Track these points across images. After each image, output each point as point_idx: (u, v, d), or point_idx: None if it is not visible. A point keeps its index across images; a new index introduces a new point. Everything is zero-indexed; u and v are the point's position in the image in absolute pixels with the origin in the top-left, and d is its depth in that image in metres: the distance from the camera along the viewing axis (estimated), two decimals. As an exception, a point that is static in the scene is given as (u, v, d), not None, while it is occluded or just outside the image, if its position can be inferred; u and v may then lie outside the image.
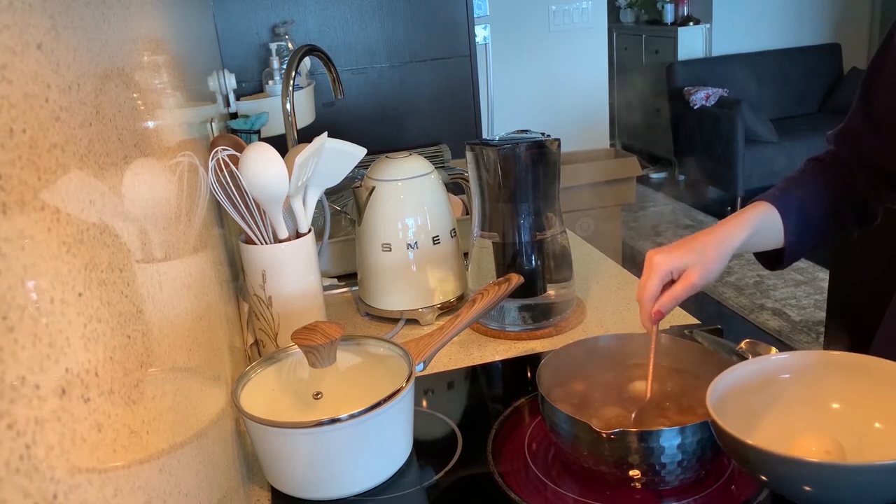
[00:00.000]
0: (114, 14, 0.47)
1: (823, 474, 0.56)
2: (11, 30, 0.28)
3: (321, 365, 0.77)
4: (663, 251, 0.78)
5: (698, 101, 4.62)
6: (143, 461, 0.37)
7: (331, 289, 1.25)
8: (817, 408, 0.68)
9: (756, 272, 3.51)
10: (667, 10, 5.24)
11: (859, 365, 0.66)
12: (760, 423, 0.68)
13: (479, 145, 1.02)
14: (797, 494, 0.58)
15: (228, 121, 1.57)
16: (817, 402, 0.68)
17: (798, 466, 0.56)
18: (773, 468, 0.57)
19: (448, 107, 2.17)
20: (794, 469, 0.56)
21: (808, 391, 0.68)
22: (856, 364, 0.67)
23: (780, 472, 0.57)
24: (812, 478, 0.56)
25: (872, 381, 0.65)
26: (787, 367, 0.70)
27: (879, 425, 0.65)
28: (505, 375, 0.99)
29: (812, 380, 0.68)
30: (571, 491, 0.71)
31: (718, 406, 0.63)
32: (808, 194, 0.89)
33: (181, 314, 0.54)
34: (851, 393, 0.66)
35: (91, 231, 0.34)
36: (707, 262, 0.77)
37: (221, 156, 0.90)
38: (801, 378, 0.69)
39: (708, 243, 0.79)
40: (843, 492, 0.55)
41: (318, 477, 0.74)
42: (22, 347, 0.24)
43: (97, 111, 0.39)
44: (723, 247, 0.79)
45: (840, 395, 0.67)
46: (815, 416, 0.67)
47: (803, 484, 0.56)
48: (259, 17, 1.99)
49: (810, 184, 0.91)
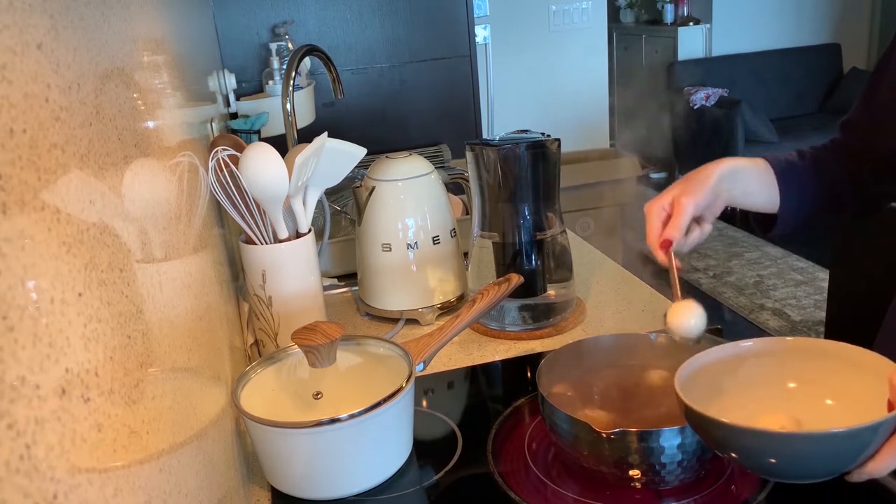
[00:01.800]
0: (114, 14, 0.47)
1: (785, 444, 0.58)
2: (11, 30, 0.28)
3: (321, 365, 0.77)
4: (652, 199, 0.83)
5: (698, 101, 4.62)
6: (143, 461, 0.37)
7: (331, 289, 1.25)
8: (776, 388, 0.71)
9: (756, 272, 3.51)
10: (667, 10, 5.24)
11: (814, 348, 0.71)
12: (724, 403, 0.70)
13: (479, 145, 1.02)
14: (763, 468, 0.61)
15: (228, 121, 1.57)
16: (776, 383, 0.71)
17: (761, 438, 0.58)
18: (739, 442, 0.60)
19: (448, 107, 2.17)
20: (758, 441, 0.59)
21: (768, 373, 0.72)
22: (811, 347, 0.71)
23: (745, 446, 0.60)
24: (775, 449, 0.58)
25: (826, 363, 0.69)
26: (752, 352, 0.73)
27: (831, 402, 0.69)
28: (505, 375, 0.99)
29: (773, 363, 0.72)
30: (571, 491, 0.71)
31: (686, 387, 0.65)
32: (808, 168, 0.91)
33: (181, 314, 0.54)
34: (807, 374, 0.70)
35: (91, 231, 0.34)
36: (691, 184, 0.82)
37: (221, 156, 0.90)
38: (764, 361, 0.72)
39: (690, 175, 0.84)
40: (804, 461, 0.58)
41: (318, 477, 0.74)
42: (22, 347, 0.24)
43: (97, 111, 0.39)
44: (704, 172, 0.83)
45: (796, 376, 0.71)
46: (773, 396, 0.71)
47: (768, 456, 0.59)
48: (259, 17, 1.99)
49: (811, 161, 0.92)
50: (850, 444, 0.56)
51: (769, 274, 3.48)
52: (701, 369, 0.70)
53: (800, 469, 0.59)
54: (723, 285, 3.41)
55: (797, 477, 0.62)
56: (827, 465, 0.58)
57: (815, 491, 0.70)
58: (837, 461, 0.57)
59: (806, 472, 0.60)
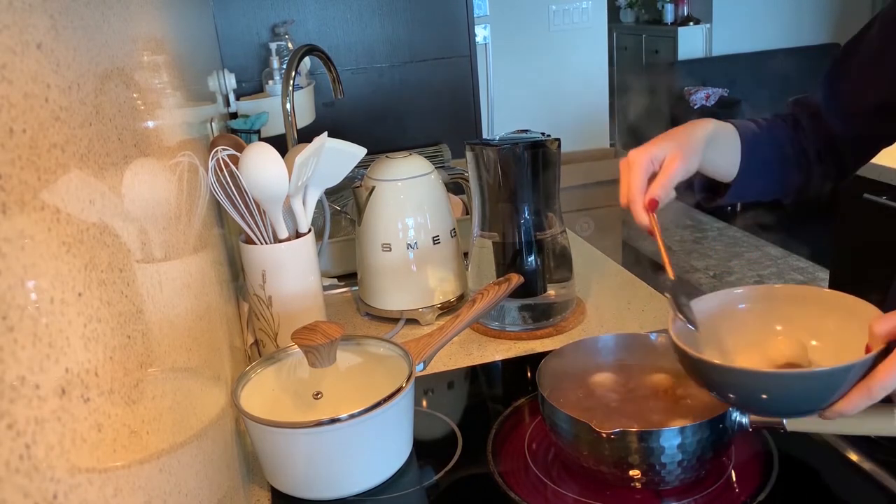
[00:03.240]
0: (114, 14, 0.47)
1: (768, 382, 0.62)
2: (11, 30, 0.28)
3: (321, 365, 0.77)
4: (638, 148, 0.77)
5: (698, 101, 4.62)
6: (143, 461, 0.37)
7: (331, 289, 1.25)
8: (765, 332, 0.74)
9: (756, 272, 3.51)
10: (667, 9, 5.24)
11: (800, 294, 0.75)
12: (719, 347, 0.74)
13: (479, 145, 1.02)
14: (756, 404, 0.66)
15: (228, 121, 1.57)
16: (765, 328, 0.75)
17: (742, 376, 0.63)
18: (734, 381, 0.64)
19: (448, 107, 2.17)
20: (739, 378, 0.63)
21: (758, 318, 0.75)
22: (798, 294, 0.75)
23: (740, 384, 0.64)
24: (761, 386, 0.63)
25: (811, 307, 0.73)
26: (742, 298, 0.77)
27: (816, 343, 0.72)
28: (505, 375, 0.99)
29: (762, 308, 0.76)
30: (571, 491, 0.71)
31: (681, 335, 0.67)
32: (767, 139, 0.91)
33: (181, 314, 0.54)
34: (792, 317, 0.74)
35: (91, 231, 0.34)
36: (684, 146, 0.77)
37: (221, 156, 0.90)
38: (754, 307, 0.76)
39: (679, 132, 0.79)
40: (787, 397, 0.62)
41: (318, 477, 0.74)
42: (22, 347, 0.24)
43: (97, 111, 0.39)
44: (695, 134, 0.79)
45: (783, 319, 0.75)
46: (762, 338, 0.74)
47: (761, 393, 0.63)
48: (259, 17, 1.99)
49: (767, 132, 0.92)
50: (826, 383, 0.60)
51: (769, 274, 3.48)
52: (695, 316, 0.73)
53: (791, 405, 0.64)
54: (723, 285, 3.41)
55: (784, 413, 0.66)
56: (806, 402, 0.62)
57: (815, 491, 0.70)
58: (814, 398, 0.61)
59: (790, 407, 0.64)
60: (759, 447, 0.74)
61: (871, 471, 0.70)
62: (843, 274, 2.15)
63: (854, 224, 2.05)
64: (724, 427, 0.68)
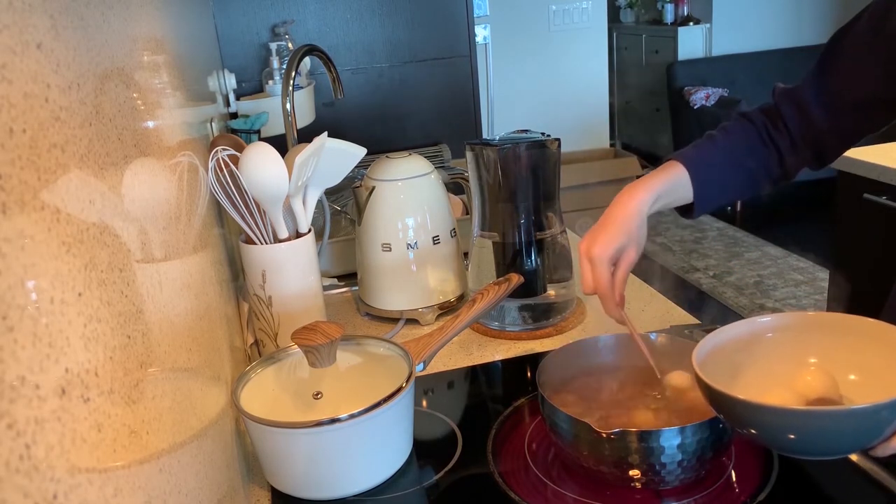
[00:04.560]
0: (114, 14, 0.47)
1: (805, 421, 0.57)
2: (11, 30, 0.28)
3: (321, 365, 0.77)
4: (595, 242, 0.82)
5: (698, 101, 4.62)
6: (143, 461, 0.37)
7: (331, 289, 1.25)
8: (795, 364, 0.70)
9: (756, 272, 3.51)
10: (667, 9, 5.24)
11: (834, 323, 0.70)
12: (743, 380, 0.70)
13: (479, 145, 1.02)
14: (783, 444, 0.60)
15: (228, 121, 1.57)
16: (797, 359, 0.71)
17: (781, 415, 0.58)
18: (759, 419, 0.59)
19: (448, 107, 2.17)
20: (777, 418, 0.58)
21: (788, 349, 0.71)
22: (830, 322, 0.70)
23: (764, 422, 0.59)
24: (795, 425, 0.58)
25: (847, 337, 0.68)
26: (771, 327, 0.72)
27: (854, 377, 0.68)
28: (505, 375, 0.99)
29: (793, 337, 0.71)
30: (571, 491, 0.71)
31: (704, 366, 0.65)
32: (724, 153, 0.93)
33: (181, 314, 0.54)
34: (828, 348, 0.69)
35: (91, 231, 0.34)
36: (635, 239, 0.83)
37: (221, 156, 0.90)
38: (783, 336, 0.72)
39: (626, 219, 0.83)
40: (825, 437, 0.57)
41: (318, 477, 0.74)
42: (22, 347, 0.24)
43: (97, 111, 0.39)
44: (639, 218, 0.84)
45: (817, 351, 0.70)
46: (794, 371, 0.69)
47: (787, 433, 0.58)
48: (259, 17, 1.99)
49: (729, 142, 0.94)
50: (872, 421, 0.55)
51: (769, 274, 3.48)
52: (718, 348, 0.69)
53: (822, 445, 0.59)
54: (723, 285, 3.41)
55: (820, 453, 0.61)
56: (849, 441, 0.57)
57: (815, 491, 0.70)
58: (859, 437, 0.57)
59: (829, 448, 0.59)
60: (759, 447, 0.74)
61: (871, 471, 0.70)
62: (842, 274, 2.15)
63: (854, 224, 2.05)
64: (724, 427, 0.68)
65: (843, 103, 0.89)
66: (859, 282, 1.97)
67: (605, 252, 0.81)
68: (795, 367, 0.70)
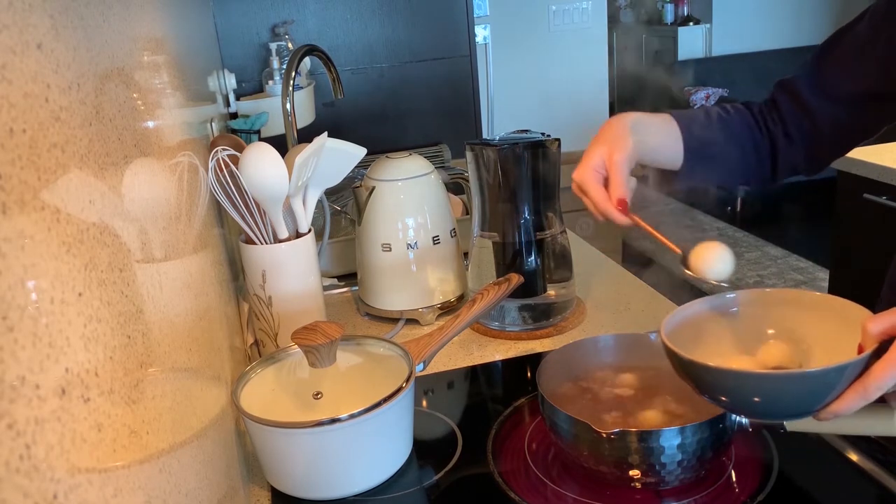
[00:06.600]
0: (114, 14, 0.47)
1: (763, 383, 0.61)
2: (11, 30, 0.28)
3: (321, 365, 0.77)
4: (577, 169, 0.82)
5: (698, 101, 4.62)
6: (143, 461, 0.37)
7: (331, 289, 1.25)
8: (759, 336, 0.74)
9: (756, 272, 3.51)
10: (667, 10, 5.24)
11: (792, 298, 0.74)
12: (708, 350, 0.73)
13: (479, 145, 1.02)
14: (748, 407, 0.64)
15: (228, 121, 1.57)
16: (759, 331, 0.74)
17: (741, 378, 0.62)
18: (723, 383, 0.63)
19: (448, 107, 2.17)
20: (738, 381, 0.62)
21: (752, 323, 0.74)
22: (789, 297, 0.74)
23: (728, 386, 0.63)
24: (755, 388, 0.61)
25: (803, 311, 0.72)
26: (736, 302, 0.76)
27: (809, 346, 0.71)
28: (505, 375, 0.99)
29: (756, 312, 0.75)
30: (571, 491, 0.71)
31: (672, 336, 0.67)
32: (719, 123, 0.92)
33: (181, 314, 0.54)
34: (785, 322, 0.73)
35: (91, 231, 0.34)
36: (611, 140, 0.82)
37: (221, 156, 0.90)
38: (747, 311, 0.75)
39: (599, 134, 0.83)
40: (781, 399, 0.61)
41: (318, 477, 0.74)
42: (22, 347, 0.24)
43: (97, 111, 0.39)
44: (614, 126, 0.83)
45: (779, 324, 0.74)
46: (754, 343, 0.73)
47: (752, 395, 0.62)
48: (259, 17, 1.99)
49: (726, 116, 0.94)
50: (820, 384, 0.59)
51: (769, 274, 3.48)
52: (686, 320, 0.73)
53: (778, 407, 0.63)
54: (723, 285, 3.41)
55: (777, 415, 0.65)
56: (800, 403, 0.61)
57: (814, 491, 0.70)
58: (809, 400, 0.60)
59: (784, 410, 0.63)
60: (759, 447, 0.74)
61: (871, 471, 0.70)
62: (842, 274, 2.15)
63: (854, 224, 2.05)
64: (724, 427, 0.68)
65: (839, 95, 0.90)
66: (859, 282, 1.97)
67: (585, 172, 0.80)
68: (758, 339, 0.73)
